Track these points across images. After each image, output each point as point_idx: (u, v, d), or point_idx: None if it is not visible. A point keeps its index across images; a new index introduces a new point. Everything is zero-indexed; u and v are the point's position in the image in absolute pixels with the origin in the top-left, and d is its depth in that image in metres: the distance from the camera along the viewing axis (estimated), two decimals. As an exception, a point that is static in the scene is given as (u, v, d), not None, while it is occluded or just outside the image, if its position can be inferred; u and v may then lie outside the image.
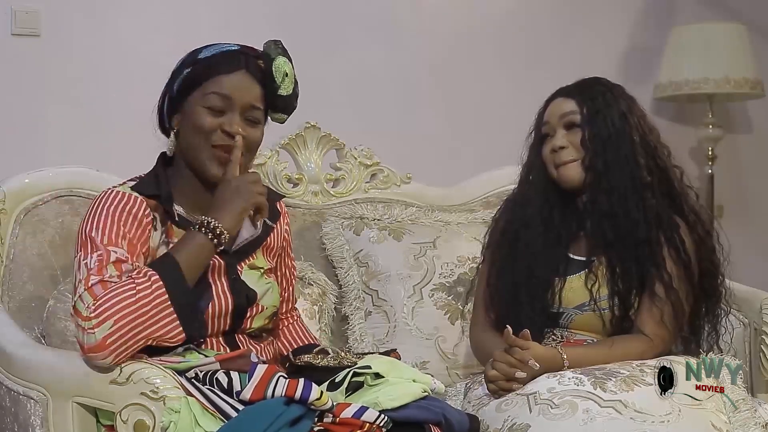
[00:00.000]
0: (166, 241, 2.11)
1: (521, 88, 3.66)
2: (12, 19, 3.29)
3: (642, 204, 2.38)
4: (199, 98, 2.12)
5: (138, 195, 2.10)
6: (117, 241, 2.03)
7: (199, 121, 2.10)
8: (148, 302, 1.96)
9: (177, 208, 2.13)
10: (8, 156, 3.18)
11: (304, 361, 2.13)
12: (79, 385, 2.03)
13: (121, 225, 2.05)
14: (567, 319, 2.42)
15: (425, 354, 2.71)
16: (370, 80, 3.73)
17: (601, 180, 2.40)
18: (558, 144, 2.43)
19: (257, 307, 2.17)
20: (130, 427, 1.96)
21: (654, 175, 2.42)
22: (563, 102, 2.46)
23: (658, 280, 2.36)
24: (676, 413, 2.14)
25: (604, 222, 2.39)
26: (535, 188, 2.48)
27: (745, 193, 4.47)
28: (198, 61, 2.14)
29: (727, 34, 4.10)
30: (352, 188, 2.97)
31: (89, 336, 1.94)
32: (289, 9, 3.64)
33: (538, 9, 4.03)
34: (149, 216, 2.10)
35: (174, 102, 2.15)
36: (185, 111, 2.13)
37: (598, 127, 2.41)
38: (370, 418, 1.93)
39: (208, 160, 2.12)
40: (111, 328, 1.93)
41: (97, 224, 2.05)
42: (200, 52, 2.16)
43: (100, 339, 1.93)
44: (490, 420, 2.21)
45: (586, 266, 2.42)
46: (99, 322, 1.94)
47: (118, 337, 1.94)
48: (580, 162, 2.42)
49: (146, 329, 1.96)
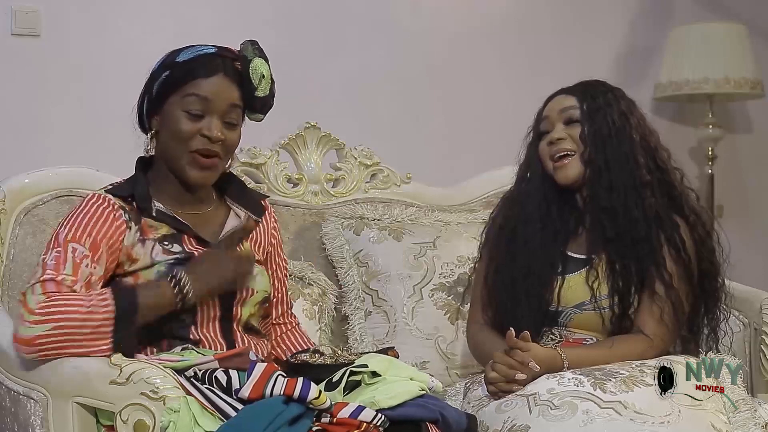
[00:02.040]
0: (142, 239, 2.14)
1: (521, 88, 3.66)
2: (12, 19, 3.29)
3: (642, 203, 2.38)
4: (178, 101, 2.15)
5: (111, 197, 2.15)
6: (81, 239, 2.08)
7: (179, 125, 2.14)
8: (93, 321, 1.99)
9: (156, 204, 2.17)
10: (8, 156, 3.17)
11: (300, 360, 2.14)
12: (79, 385, 2.03)
13: (90, 224, 2.10)
14: (566, 318, 2.41)
15: (425, 354, 2.71)
16: (370, 80, 3.73)
17: (601, 175, 2.39)
18: (556, 136, 2.43)
19: (247, 290, 2.19)
20: (130, 427, 1.96)
21: (654, 175, 2.42)
22: (564, 98, 2.46)
23: (659, 279, 2.36)
24: (676, 414, 2.14)
25: (603, 218, 2.39)
26: (533, 185, 2.47)
27: (745, 193, 4.48)
28: (177, 64, 2.16)
29: (727, 34, 4.10)
30: (352, 188, 2.97)
31: (25, 328, 1.99)
32: (289, 9, 3.64)
33: (538, 9, 4.03)
34: (120, 217, 2.13)
35: (153, 103, 2.18)
36: (164, 113, 2.16)
37: (599, 124, 2.41)
38: (367, 418, 1.93)
39: (187, 165, 2.16)
40: (47, 330, 1.98)
41: (66, 223, 2.12)
42: (178, 54, 2.18)
43: (33, 336, 1.98)
44: (490, 421, 2.21)
45: (586, 264, 2.42)
46: (40, 320, 1.98)
47: (50, 342, 1.98)
48: (579, 156, 2.41)
49: (78, 345, 1.99)
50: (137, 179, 2.19)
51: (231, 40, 2.23)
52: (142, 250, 2.13)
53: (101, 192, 2.17)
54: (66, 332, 1.98)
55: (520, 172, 2.53)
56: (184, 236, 2.17)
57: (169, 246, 2.15)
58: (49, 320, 1.98)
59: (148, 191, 2.17)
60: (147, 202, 2.16)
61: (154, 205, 2.16)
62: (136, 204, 2.16)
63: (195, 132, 2.14)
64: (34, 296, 2.01)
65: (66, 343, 1.99)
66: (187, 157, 2.15)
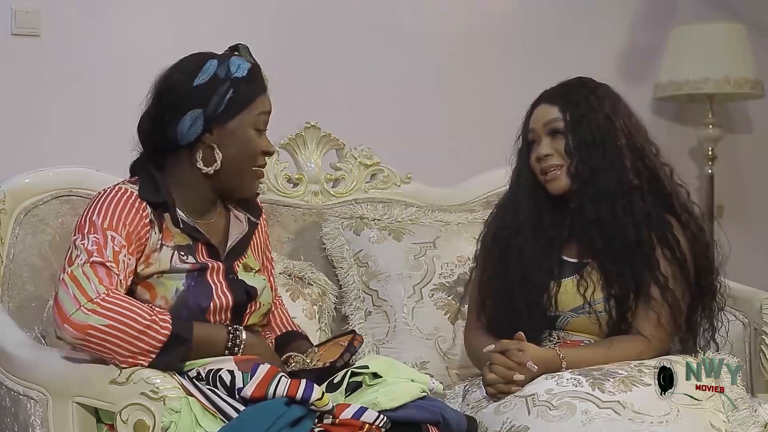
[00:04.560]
0: (161, 244, 2.13)
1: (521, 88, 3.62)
2: (12, 19, 3.29)
3: (630, 208, 2.37)
4: (251, 119, 2.16)
5: (141, 197, 2.13)
6: (117, 228, 2.06)
7: (254, 145, 2.17)
8: (148, 337, 1.98)
9: (180, 213, 2.16)
10: (8, 156, 3.17)
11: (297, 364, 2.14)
12: (79, 385, 2.03)
13: (123, 216, 2.08)
14: (563, 322, 2.41)
15: (425, 354, 2.71)
16: (370, 80, 3.73)
17: (587, 187, 2.38)
18: (543, 152, 2.42)
19: (256, 304, 2.20)
20: (130, 427, 1.96)
21: (642, 176, 2.40)
22: (547, 108, 2.44)
23: (653, 282, 2.36)
24: (675, 414, 2.15)
25: (592, 229, 2.38)
26: (525, 193, 2.47)
27: (745, 193, 4.47)
28: (239, 80, 2.14)
29: (727, 34, 4.10)
30: (352, 188, 2.97)
31: (80, 314, 1.96)
32: (290, 9, 3.64)
33: (538, 9, 4.03)
34: (147, 217, 2.12)
35: (213, 120, 2.13)
36: (229, 130, 2.14)
37: (582, 134, 2.39)
38: (369, 419, 1.93)
39: (253, 180, 2.20)
40: (102, 325, 1.96)
41: (100, 210, 2.09)
42: (228, 68, 2.14)
43: (87, 324, 1.96)
44: (489, 422, 2.21)
45: (577, 270, 2.41)
46: (99, 312, 1.96)
47: (98, 337, 1.96)
48: (566, 169, 2.41)
49: (122, 352, 1.97)
50: (160, 185, 2.15)
51: (231, 40, 2.23)
52: (160, 255, 2.13)
53: (128, 187, 2.14)
54: (117, 333, 1.96)
55: (512, 178, 2.52)
56: (198, 245, 2.17)
57: (184, 256, 2.14)
58: (107, 316, 1.96)
59: (173, 199, 2.16)
60: (176, 211, 2.15)
61: (179, 214, 2.16)
62: (165, 211, 2.14)
63: (261, 149, 2.18)
64: (90, 282, 1.98)
65: (113, 345, 1.96)
66: (252, 173, 2.19)
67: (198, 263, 2.15)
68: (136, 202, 2.11)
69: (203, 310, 2.11)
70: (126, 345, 1.97)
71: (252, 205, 2.30)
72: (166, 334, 1.99)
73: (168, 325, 2.00)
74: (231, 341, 2.09)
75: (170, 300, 2.10)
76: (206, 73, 2.13)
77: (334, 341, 2.20)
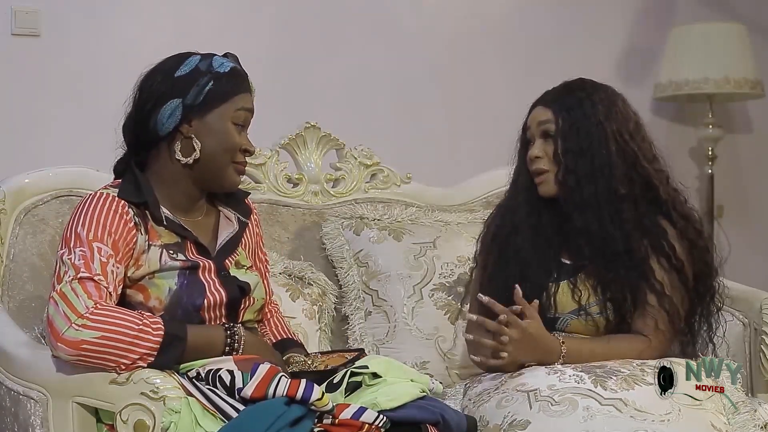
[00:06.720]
0: (149, 245, 2.13)
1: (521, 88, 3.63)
2: (12, 19, 3.29)
3: (619, 216, 2.36)
4: (229, 113, 2.16)
5: (122, 200, 2.12)
6: (103, 238, 2.06)
7: (232, 138, 2.16)
8: (142, 341, 1.98)
9: (164, 211, 2.15)
10: (8, 156, 3.17)
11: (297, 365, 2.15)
12: (79, 385, 2.03)
13: (107, 224, 2.08)
14: (563, 324, 2.41)
15: (425, 354, 2.71)
16: (370, 80, 3.73)
17: (573, 195, 2.38)
18: (534, 153, 2.42)
19: (250, 299, 2.21)
20: (130, 427, 1.96)
21: (635, 183, 2.38)
22: (542, 110, 2.44)
23: (649, 290, 2.35)
24: (676, 413, 2.15)
25: (580, 237, 2.38)
26: (524, 194, 2.47)
27: (745, 193, 4.47)
28: (220, 75, 2.14)
29: (727, 34, 4.10)
30: (352, 188, 2.97)
31: (72, 330, 1.96)
32: (289, 9, 3.64)
33: (538, 9, 4.03)
34: (131, 221, 2.12)
35: (191, 110, 2.14)
36: (208, 122, 2.15)
37: (571, 141, 2.38)
38: (369, 419, 1.93)
39: (233, 174, 2.19)
40: (95, 338, 1.96)
41: (84, 221, 2.08)
42: (211, 63, 2.16)
43: (80, 340, 1.96)
44: (491, 416, 2.22)
45: (573, 273, 2.41)
46: (89, 326, 1.96)
47: (93, 350, 1.97)
48: (554, 176, 2.40)
49: (118, 358, 1.98)
50: (141, 184, 2.15)
51: (231, 40, 2.24)
52: (149, 255, 2.12)
53: (109, 191, 2.14)
54: (111, 343, 1.96)
55: (512, 178, 2.53)
56: (186, 243, 2.17)
57: (174, 254, 2.14)
58: (98, 328, 1.96)
59: (156, 198, 2.15)
60: (159, 210, 2.15)
61: (163, 212, 2.16)
62: (147, 210, 2.14)
63: (240, 145, 2.17)
64: (78, 298, 1.99)
65: (110, 356, 1.97)
66: (230, 166, 2.18)
67: (189, 261, 2.15)
68: (119, 207, 2.11)
69: (197, 308, 2.11)
70: (122, 353, 1.97)
71: (241, 204, 2.30)
72: (160, 335, 1.99)
73: (160, 326, 2.00)
74: (229, 339, 2.09)
75: (164, 300, 2.10)
76: (188, 65, 2.16)
77: (339, 354, 2.20)
